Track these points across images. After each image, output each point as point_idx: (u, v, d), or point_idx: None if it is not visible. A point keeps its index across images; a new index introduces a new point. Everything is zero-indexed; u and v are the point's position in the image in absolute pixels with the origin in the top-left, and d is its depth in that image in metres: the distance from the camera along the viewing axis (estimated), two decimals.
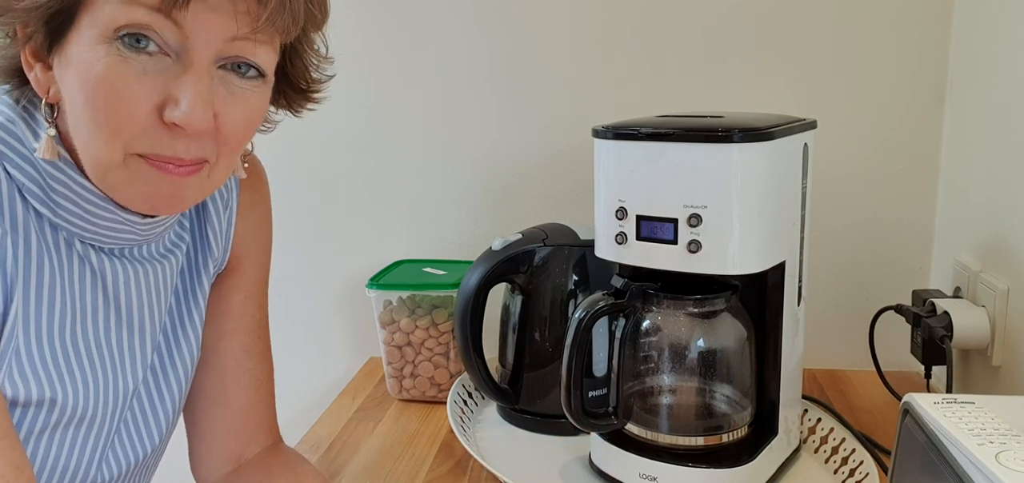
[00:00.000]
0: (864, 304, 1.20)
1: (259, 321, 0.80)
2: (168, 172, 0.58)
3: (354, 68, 1.25)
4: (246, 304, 0.79)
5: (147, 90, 0.55)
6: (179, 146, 0.57)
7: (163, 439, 0.73)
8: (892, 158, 1.17)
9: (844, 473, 0.88)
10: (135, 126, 0.56)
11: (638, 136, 0.78)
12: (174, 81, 0.56)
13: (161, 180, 0.58)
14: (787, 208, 0.82)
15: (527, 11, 1.20)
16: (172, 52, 0.56)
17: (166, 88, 0.55)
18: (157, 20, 0.54)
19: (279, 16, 0.57)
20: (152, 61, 0.55)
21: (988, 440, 0.50)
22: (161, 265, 0.70)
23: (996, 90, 1.00)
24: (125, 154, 0.57)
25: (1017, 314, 0.92)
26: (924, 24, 1.13)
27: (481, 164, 1.25)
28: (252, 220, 0.79)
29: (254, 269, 0.80)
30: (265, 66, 0.60)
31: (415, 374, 1.12)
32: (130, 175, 0.58)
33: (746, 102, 1.18)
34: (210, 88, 0.57)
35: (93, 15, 0.54)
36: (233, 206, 0.76)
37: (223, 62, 0.58)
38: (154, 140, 0.57)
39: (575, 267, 0.99)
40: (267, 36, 0.59)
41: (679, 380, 0.87)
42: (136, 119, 0.55)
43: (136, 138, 0.56)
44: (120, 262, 0.66)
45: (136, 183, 0.58)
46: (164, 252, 0.70)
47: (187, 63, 0.56)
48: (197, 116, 0.56)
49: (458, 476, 0.93)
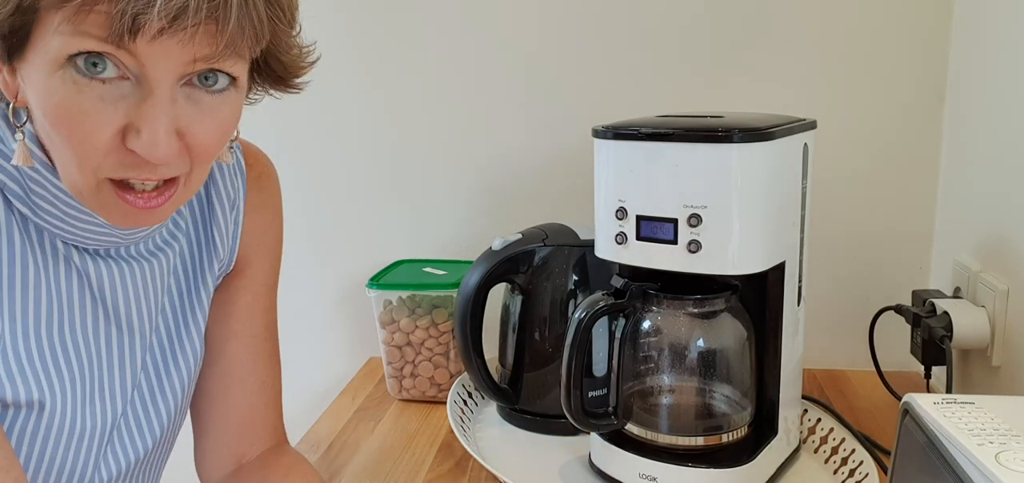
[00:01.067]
0: (864, 304, 1.20)
1: (266, 323, 0.80)
2: (137, 206, 0.57)
3: (354, 68, 1.25)
4: (254, 305, 0.78)
5: (107, 118, 0.53)
6: (146, 170, 0.55)
7: (164, 437, 0.73)
8: (892, 158, 1.17)
9: (844, 473, 0.88)
10: (99, 153, 0.54)
11: (638, 136, 0.78)
12: (135, 108, 0.53)
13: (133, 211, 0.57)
14: (787, 208, 0.82)
15: (527, 11, 1.20)
16: (131, 75, 0.53)
17: (127, 114, 0.53)
18: (109, 49, 0.51)
19: (239, 38, 0.54)
20: (109, 88, 0.53)
21: (988, 440, 0.50)
22: (151, 263, 0.69)
23: (996, 90, 1.00)
24: (97, 180, 0.55)
25: (1017, 314, 0.92)
26: (924, 24, 1.13)
27: (481, 164, 1.25)
28: (261, 221, 0.78)
29: (262, 270, 0.79)
30: (235, 73, 0.57)
31: (415, 374, 1.12)
32: (103, 201, 0.57)
33: (746, 102, 1.18)
34: (173, 113, 0.54)
35: (45, 42, 0.52)
36: (240, 205, 0.76)
37: (187, 79, 0.55)
38: (121, 165, 0.55)
39: (575, 267, 0.99)
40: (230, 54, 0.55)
41: (679, 380, 0.87)
42: (99, 147, 0.53)
43: (104, 165, 0.54)
44: (106, 262, 0.65)
45: (110, 209, 0.57)
46: (154, 250, 0.69)
47: (147, 89, 0.53)
48: (160, 148, 0.53)
49: (458, 476, 0.93)
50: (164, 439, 0.73)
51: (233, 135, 0.70)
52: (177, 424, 0.75)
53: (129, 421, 0.70)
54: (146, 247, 0.69)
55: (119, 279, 0.66)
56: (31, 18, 0.52)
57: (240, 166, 0.76)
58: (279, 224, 0.81)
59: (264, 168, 0.79)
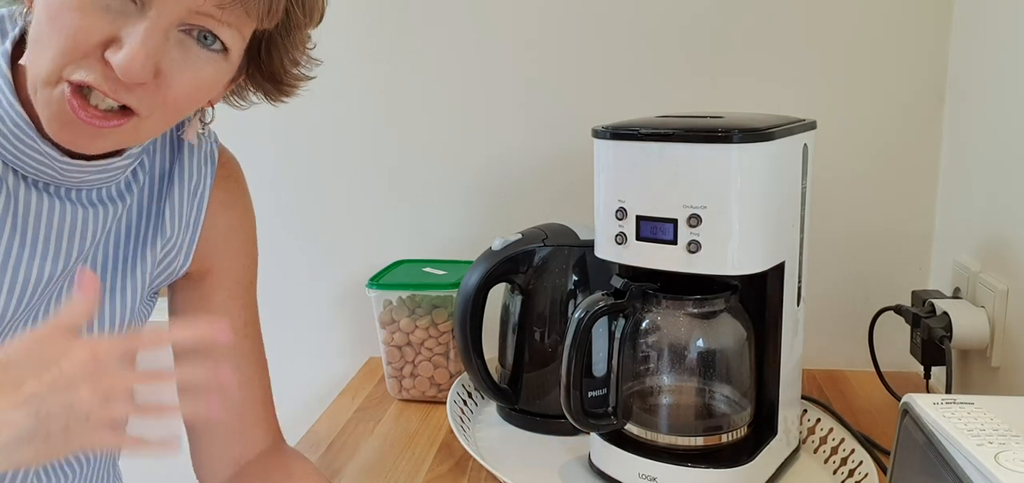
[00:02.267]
0: (863, 304, 1.20)
1: (245, 320, 0.79)
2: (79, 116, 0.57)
3: (354, 68, 1.25)
4: (229, 303, 0.77)
5: (101, 25, 0.55)
6: (107, 84, 0.57)
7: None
8: (892, 158, 1.17)
9: (843, 473, 0.88)
10: (78, 53, 0.56)
11: (638, 136, 0.78)
12: (127, 26, 0.56)
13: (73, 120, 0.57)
14: (787, 208, 0.82)
15: (527, 11, 1.20)
16: (138, 4, 0.56)
17: (118, 29, 0.56)
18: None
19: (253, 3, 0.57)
20: (116, 2, 0.55)
21: (987, 440, 0.50)
22: (90, 210, 0.68)
23: (996, 90, 1.00)
24: (59, 76, 0.56)
25: (1016, 315, 0.93)
26: (924, 24, 1.13)
27: (481, 164, 1.25)
28: (227, 220, 0.77)
29: (234, 268, 0.78)
30: (229, 45, 0.60)
31: (415, 374, 1.12)
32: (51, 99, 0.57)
33: (746, 102, 1.18)
34: (159, 46, 0.57)
35: None
36: (203, 194, 0.75)
37: (185, 28, 0.58)
38: (87, 69, 0.56)
39: (575, 267, 0.99)
40: (234, 18, 0.59)
41: (678, 380, 0.87)
42: (82, 47, 0.55)
43: (75, 64, 0.56)
44: (40, 194, 0.64)
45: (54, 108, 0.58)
46: (96, 201, 0.68)
47: (146, 15, 0.56)
48: (134, 66, 0.55)
49: (457, 476, 0.93)
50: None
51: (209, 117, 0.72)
52: None
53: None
54: (88, 196, 0.68)
55: (47, 213, 0.65)
56: None
57: (212, 155, 0.76)
58: (248, 225, 0.80)
59: (234, 170, 0.79)
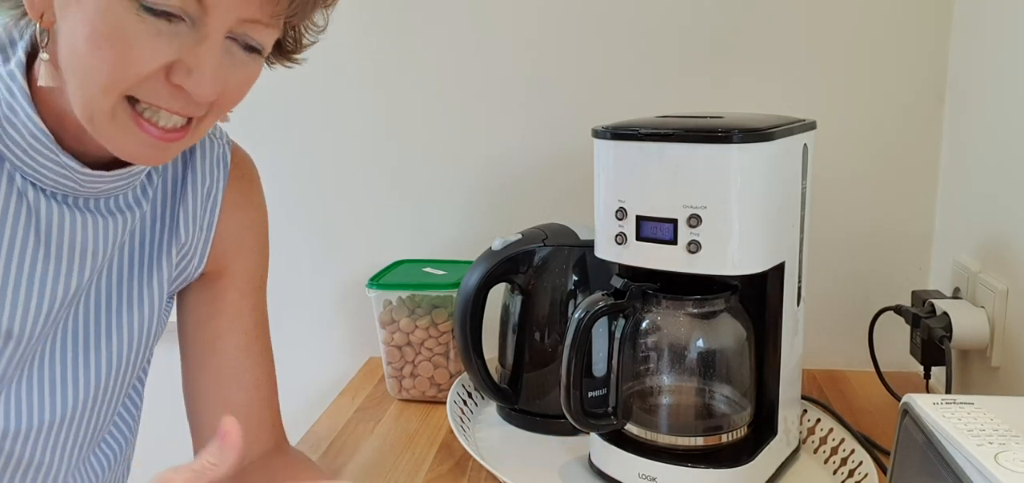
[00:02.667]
0: (863, 305, 1.20)
1: (256, 320, 0.79)
2: (152, 135, 0.58)
3: (355, 68, 1.25)
4: (241, 303, 0.78)
5: (160, 50, 0.55)
6: (176, 103, 0.58)
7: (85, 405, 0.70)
8: (892, 159, 1.17)
9: (843, 473, 0.88)
10: (136, 79, 0.56)
11: (638, 136, 0.78)
12: (189, 49, 0.56)
13: (148, 140, 0.59)
14: (787, 209, 0.82)
15: (527, 11, 1.20)
16: (188, 18, 0.56)
17: (178, 52, 0.56)
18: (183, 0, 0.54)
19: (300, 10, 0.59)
20: (169, 25, 0.55)
21: (987, 441, 0.50)
22: (107, 221, 0.68)
23: (996, 90, 1.00)
24: (116, 103, 0.57)
25: (1016, 315, 0.93)
26: (924, 24, 1.13)
27: (481, 164, 1.25)
28: (240, 219, 0.77)
29: (247, 269, 0.78)
30: (268, 46, 0.62)
31: (415, 374, 1.12)
32: (117, 126, 0.58)
33: (746, 102, 1.18)
34: (222, 60, 0.58)
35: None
36: (216, 196, 0.75)
37: (231, 36, 0.59)
38: (152, 91, 0.57)
39: (575, 267, 0.99)
40: (278, 23, 0.60)
41: (678, 380, 0.87)
42: (141, 73, 0.56)
43: (134, 87, 0.56)
44: (60, 206, 0.65)
45: (120, 134, 0.58)
46: (113, 209, 0.69)
47: (203, 33, 0.56)
48: (209, 88, 0.57)
49: (457, 476, 0.93)
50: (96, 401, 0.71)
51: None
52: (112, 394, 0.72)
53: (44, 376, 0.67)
54: (106, 205, 0.68)
55: (69, 225, 0.65)
56: None
57: (225, 158, 0.76)
58: (262, 225, 0.80)
59: (248, 169, 0.79)
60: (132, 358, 0.73)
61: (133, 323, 0.72)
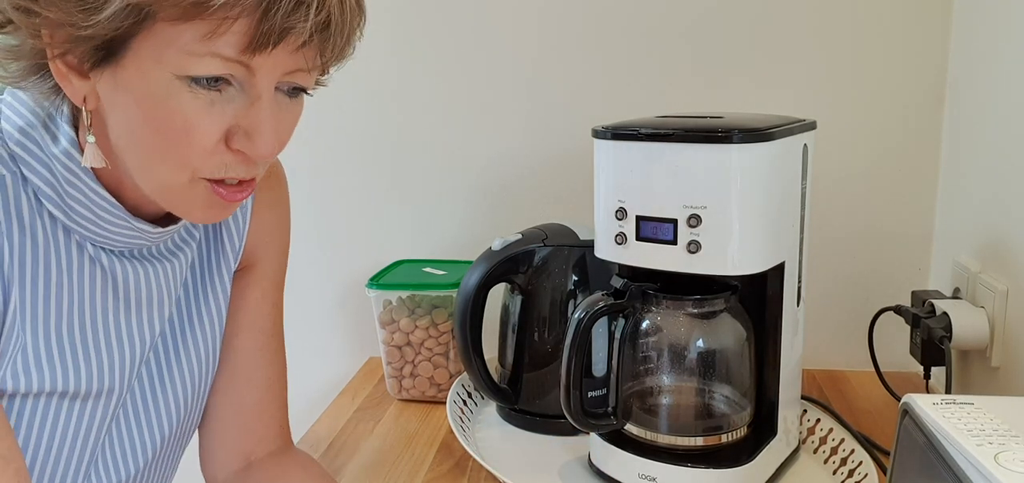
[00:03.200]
0: (863, 305, 1.20)
1: (274, 320, 0.80)
2: (226, 199, 0.60)
3: (354, 68, 1.24)
4: (262, 303, 0.79)
5: (216, 122, 0.56)
6: (242, 170, 0.59)
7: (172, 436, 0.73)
8: (891, 159, 1.17)
9: (843, 473, 0.88)
10: (204, 155, 0.57)
11: (638, 136, 0.78)
12: (243, 113, 0.57)
13: (222, 203, 0.60)
14: (787, 209, 0.82)
15: (527, 11, 1.20)
16: (236, 83, 0.56)
17: (234, 118, 0.57)
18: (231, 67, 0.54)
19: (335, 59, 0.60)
20: (220, 94, 0.56)
21: (987, 441, 0.50)
22: (172, 262, 0.70)
23: (996, 90, 1.00)
24: (193, 178, 0.58)
25: (1016, 315, 0.93)
26: (924, 24, 1.13)
27: (481, 164, 1.25)
28: (269, 219, 0.79)
29: (271, 268, 0.80)
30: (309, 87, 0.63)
31: (415, 374, 1.12)
32: (193, 196, 0.59)
33: (746, 102, 1.18)
34: (276, 116, 0.58)
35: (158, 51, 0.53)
36: (248, 205, 0.77)
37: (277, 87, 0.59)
38: (220, 165, 0.58)
39: (575, 267, 0.99)
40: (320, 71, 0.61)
41: (678, 380, 0.87)
42: (206, 148, 0.56)
43: (203, 166, 0.57)
44: (131, 262, 0.67)
45: (198, 203, 0.60)
46: (173, 249, 0.71)
47: (254, 94, 0.57)
48: (271, 146, 0.58)
49: (457, 476, 0.93)
50: (172, 438, 0.73)
51: None
52: (183, 425, 0.75)
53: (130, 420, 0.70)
54: (167, 246, 0.70)
55: (143, 278, 0.67)
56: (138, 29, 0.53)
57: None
58: (287, 222, 0.82)
59: (274, 168, 0.80)
60: (205, 380, 0.76)
61: (200, 350, 0.74)
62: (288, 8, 0.53)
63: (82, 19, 0.51)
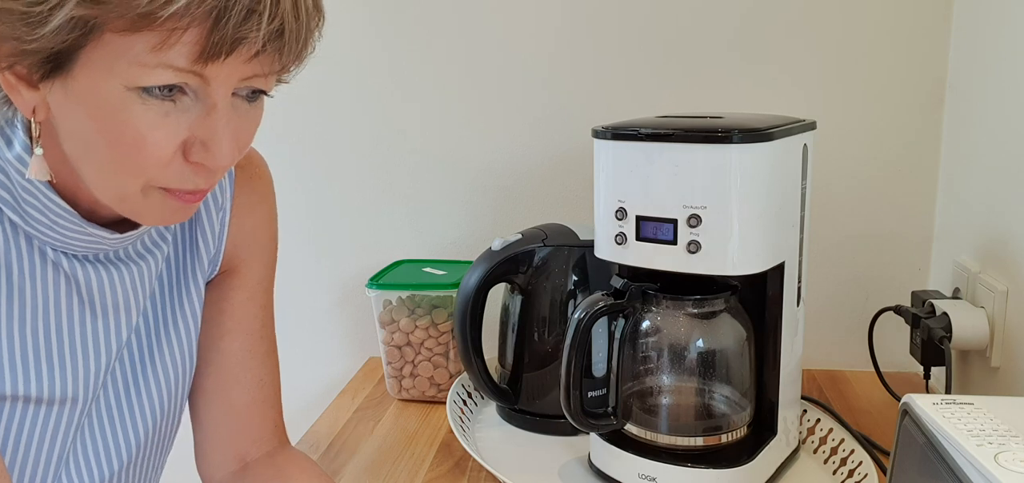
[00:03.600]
0: (863, 305, 1.20)
1: (262, 321, 0.79)
2: (183, 201, 0.59)
3: (354, 68, 1.25)
4: (248, 304, 0.78)
5: (171, 133, 0.55)
6: (201, 180, 0.58)
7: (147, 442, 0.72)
8: (891, 159, 1.17)
9: (843, 473, 0.88)
10: (159, 165, 0.56)
11: (638, 137, 0.78)
12: (199, 122, 0.56)
13: (179, 207, 0.60)
14: (786, 209, 0.82)
15: (527, 11, 1.20)
16: (191, 92, 0.55)
17: (189, 128, 0.56)
18: (184, 76, 0.53)
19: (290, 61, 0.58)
20: (175, 105, 0.55)
21: (987, 441, 0.50)
22: (139, 265, 0.69)
23: (996, 91, 1.00)
24: (148, 187, 0.57)
25: (1016, 315, 0.93)
26: (924, 25, 1.13)
27: (481, 164, 1.25)
28: (252, 219, 0.78)
29: (256, 269, 0.79)
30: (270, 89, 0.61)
31: (415, 374, 1.12)
32: (148, 203, 0.59)
33: (746, 102, 1.18)
34: (233, 123, 0.57)
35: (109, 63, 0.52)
36: (227, 207, 0.75)
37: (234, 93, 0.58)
38: (176, 176, 0.57)
39: (575, 267, 0.99)
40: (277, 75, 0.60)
41: (678, 380, 0.87)
42: (161, 159, 0.55)
43: (158, 176, 0.57)
44: (94, 265, 0.66)
45: (152, 209, 0.59)
46: (143, 251, 0.70)
47: (209, 104, 0.55)
48: (227, 156, 0.57)
49: (457, 476, 0.93)
50: (148, 444, 0.73)
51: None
52: (162, 428, 0.74)
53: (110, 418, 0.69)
54: (135, 249, 0.69)
55: (107, 281, 0.67)
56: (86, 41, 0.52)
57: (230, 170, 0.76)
58: (272, 222, 0.81)
59: (256, 168, 0.79)
60: (180, 387, 0.75)
61: (175, 354, 0.73)
62: (239, 17, 0.51)
63: (27, 33, 0.51)
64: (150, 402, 0.72)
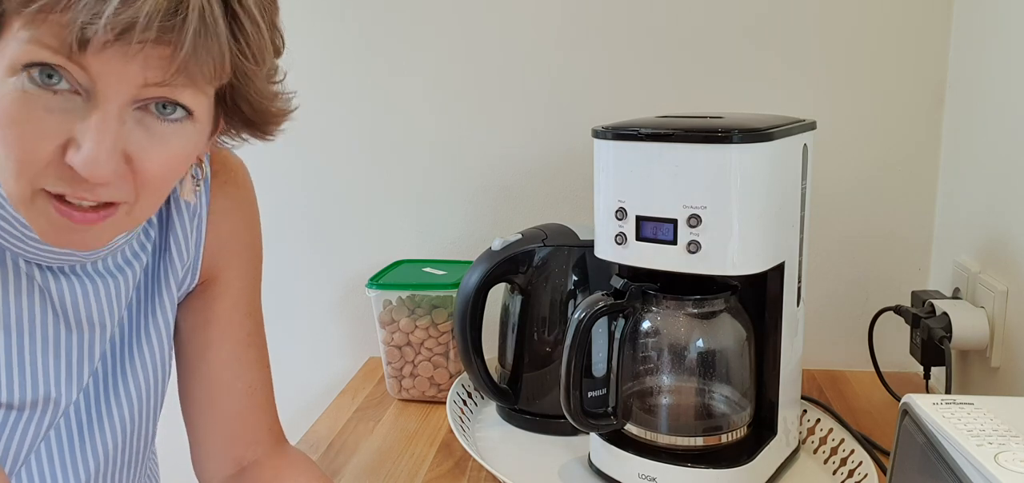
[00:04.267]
0: (863, 305, 1.20)
1: (249, 329, 0.77)
2: (73, 219, 0.55)
3: (354, 68, 1.25)
4: (232, 312, 0.76)
5: (52, 129, 0.52)
6: (82, 189, 0.54)
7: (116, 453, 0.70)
8: (892, 159, 1.17)
9: (843, 473, 0.88)
10: (39, 164, 0.52)
11: (638, 136, 0.78)
12: (79, 123, 0.52)
13: (66, 223, 0.55)
14: (786, 209, 0.82)
15: (527, 11, 1.20)
16: (82, 91, 0.52)
17: (71, 128, 0.52)
18: (60, 61, 0.50)
19: (193, 66, 0.52)
20: (59, 99, 0.52)
21: (987, 441, 0.50)
22: (116, 279, 0.67)
23: (995, 91, 1.00)
24: (33, 190, 0.54)
25: (1016, 315, 0.93)
26: (924, 25, 1.13)
27: (481, 164, 1.25)
28: (229, 225, 0.75)
29: (239, 275, 0.77)
30: (192, 106, 0.56)
31: (415, 374, 1.12)
32: (37, 212, 0.55)
33: (746, 102, 1.18)
34: (118, 133, 0.53)
35: (4, 46, 0.51)
36: (203, 214, 0.73)
37: (141, 104, 0.54)
38: (58, 179, 0.53)
39: (575, 267, 0.99)
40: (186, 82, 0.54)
41: (678, 380, 0.87)
42: (40, 157, 0.52)
43: (40, 175, 0.53)
44: (68, 278, 0.64)
45: (42, 221, 0.55)
46: (121, 264, 0.68)
47: (95, 105, 0.52)
48: (99, 166, 0.52)
49: (457, 476, 0.93)
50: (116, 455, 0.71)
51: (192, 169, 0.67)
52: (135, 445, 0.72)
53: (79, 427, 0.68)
54: (114, 262, 0.67)
55: (81, 295, 0.65)
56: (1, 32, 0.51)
57: (205, 176, 0.73)
58: (253, 227, 0.78)
59: (232, 174, 0.76)
60: (150, 400, 0.73)
61: (146, 364, 0.71)
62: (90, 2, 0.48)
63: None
64: (120, 413, 0.70)
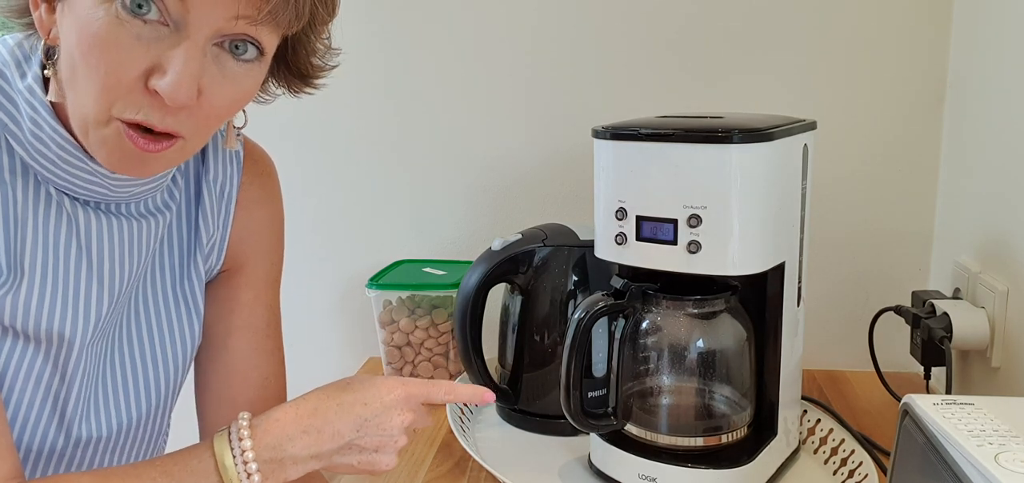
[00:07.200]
0: (864, 305, 1.20)
1: (268, 320, 0.80)
2: (137, 144, 0.57)
3: (354, 68, 1.25)
4: (255, 303, 0.78)
5: (139, 56, 0.55)
6: (155, 115, 0.57)
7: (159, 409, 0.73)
8: (892, 159, 1.17)
9: (843, 474, 0.88)
10: (121, 88, 0.55)
11: (638, 136, 0.78)
12: (166, 51, 0.55)
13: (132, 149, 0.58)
14: (787, 209, 0.82)
15: (527, 11, 1.20)
16: (171, 22, 0.55)
17: (157, 56, 0.55)
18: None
19: (282, 10, 0.57)
20: (148, 28, 0.54)
21: (987, 441, 0.50)
22: (140, 224, 0.69)
23: (996, 91, 1.00)
24: (110, 116, 0.57)
25: (1016, 315, 0.93)
26: (924, 24, 1.13)
27: (481, 164, 1.25)
28: (258, 216, 0.78)
29: (263, 267, 0.79)
30: (267, 47, 0.60)
31: (414, 374, 1.12)
32: (105, 136, 0.58)
33: (746, 102, 1.18)
34: (201, 65, 0.56)
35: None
36: (231, 194, 0.75)
37: (221, 40, 0.57)
38: (135, 105, 0.56)
39: (575, 267, 0.99)
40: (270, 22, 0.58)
41: (678, 381, 0.87)
42: (123, 82, 0.55)
43: (120, 100, 0.56)
44: (95, 213, 0.65)
45: (110, 144, 0.58)
46: (145, 213, 0.70)
47: (184, 35, 0.55)
48: (181, 91, 0.55)
49: (457, 476, 0.93)
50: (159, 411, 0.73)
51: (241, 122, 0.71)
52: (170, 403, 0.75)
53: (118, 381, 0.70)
54: (137, 209, 0.69)
55: (107, 232, 0.66)
56: None
57: (237, 155, 0.76)
58: (279, 221, 0.81)
59: (264, 166, 0.79)
60: (186, 361, 0.75)
61: (184, 327, 0.74)
62: None
63: None
64: (165, 365, 0.73)
